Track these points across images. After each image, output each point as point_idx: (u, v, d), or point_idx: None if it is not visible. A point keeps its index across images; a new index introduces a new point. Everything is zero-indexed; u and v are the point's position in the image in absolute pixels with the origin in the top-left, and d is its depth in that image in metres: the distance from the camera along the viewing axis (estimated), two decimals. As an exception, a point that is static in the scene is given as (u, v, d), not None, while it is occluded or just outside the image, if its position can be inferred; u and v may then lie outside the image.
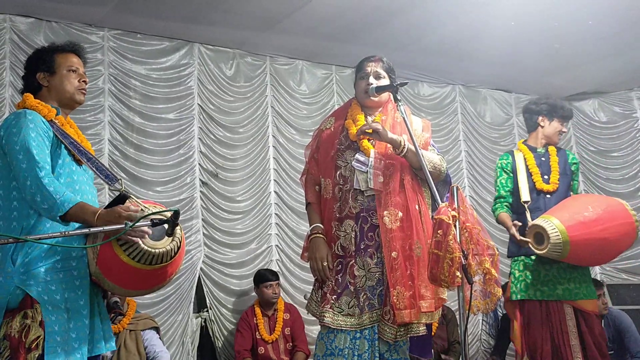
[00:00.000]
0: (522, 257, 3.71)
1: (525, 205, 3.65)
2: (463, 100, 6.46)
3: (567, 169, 3.78)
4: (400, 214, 2.70)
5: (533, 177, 3.71)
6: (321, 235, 2.79)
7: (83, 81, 2.41)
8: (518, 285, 3.68)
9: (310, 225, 2.87)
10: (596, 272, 6.43)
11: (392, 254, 2.65)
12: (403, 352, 2.71)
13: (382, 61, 2.91)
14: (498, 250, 3.03)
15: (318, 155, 2.93)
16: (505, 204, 3.75)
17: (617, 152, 6.67)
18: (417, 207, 2.75)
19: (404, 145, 2.71)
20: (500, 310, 5.50)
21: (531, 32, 5.03)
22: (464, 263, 2.39)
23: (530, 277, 3.66)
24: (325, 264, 2.73)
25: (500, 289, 2.60)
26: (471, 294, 2.43)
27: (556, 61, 5.72)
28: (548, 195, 3.69)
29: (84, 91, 2.42)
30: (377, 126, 2.72)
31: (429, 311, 2.68)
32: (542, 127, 3.80)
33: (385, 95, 2.90)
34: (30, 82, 2.39)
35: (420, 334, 2.69)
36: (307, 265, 2.87)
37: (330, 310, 2.69)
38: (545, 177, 3.71)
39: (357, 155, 2.78)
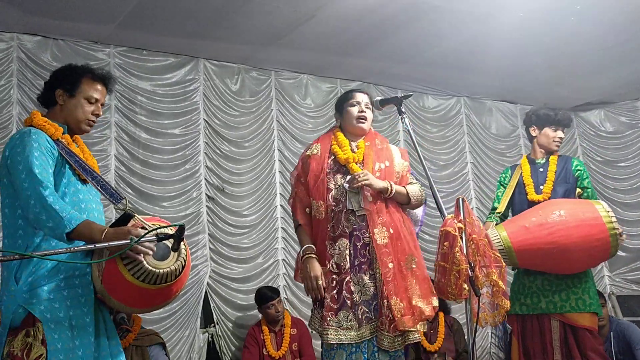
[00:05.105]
0: (515, 270, 3.71)
1: (492, 216, 3.73)
2: (468, 112, 6.46)
3: (569, 176, 3.69)
4: (391, 230, 2.90)
5: (526, 189, 3.70)
6: (314, 256, 2.92)
7: (95, 114, 2.40)
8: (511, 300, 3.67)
9: (302, 246, 2.99)
10: (605, 283, 6.38)
11: (386, 267, 2.83)
12: None
13: (369, 94, 3.15)
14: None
15: (308, 179, 3.04)
16: (497, 215, 3.79)
17: (624, 162, 6.64)
18: (403, 224, 2.96)
19: (392, 189, 2.93)
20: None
21: (535, 43, 5.03)
22: (470, 275, 2.37)
23: (515, 290, 3.65)
24: (320, 282, 2.86)
25: (508, 302, 2.59)
26: (479, 306, 2.41)
27: (561, 72, 5.72)
28: None
29: (92, 123, 2.42)
30: (367, 181, 2.86)
31: (428, 317, 2.85)
32: (535, 137, 3.82)
33: (368, 125, 3.09)
34: (47, 95, 2.39)
35: (416, 341, 2.87)
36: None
37: (330, 327, 2.83)
38: (541, 187, 3.67)
39: (348, 178, 2.95)
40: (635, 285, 6.35)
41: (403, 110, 2.88)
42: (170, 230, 2.09)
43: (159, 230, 2.04)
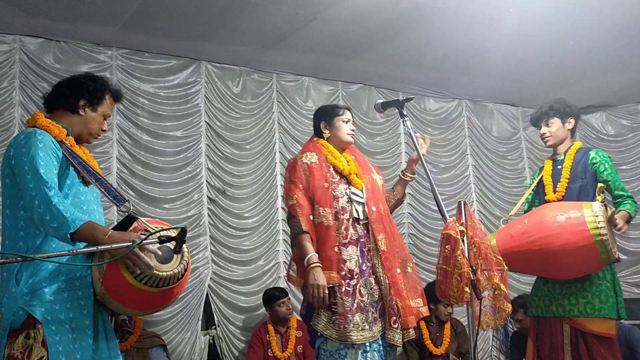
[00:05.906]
0: None
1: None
2: (470, 115, 6.47)
3: (586, 171, 3.51)
4: (390, 236, 3.14)
5: (545, 189, 3.60)
6: (320, 264, 3.00)
7: (103, 130, 2.48)
8: (529, 301, 3.68)
9: (307, 254, 3.01)
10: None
11: (390, 271, 3.07)
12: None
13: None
14: (507, 266, 3.00)
15: (312, 186, 3.12)
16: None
17: (626, 165, 6.63)
18: (395, 229, 3.22)
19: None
20: (510, 326, 5.45)
21: (537, 45, 5.04)
22: (472, 278, 2.38)
23: (532, 292, 3.66)
24: (326, 292, 2.96)
25: (510, 305, 2.59)
26: (480, 309, 2.41)
27: (562, 74, 5.72)
28: None
29: (97, 137, 2.50)
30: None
31: (425, 315, 3.17)
32: None
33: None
34: (66, 99, 2.38)
35: (413, 337, 3.14)
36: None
37: (353, 329, 2.97)
38: (557, 185, 3.57)
39: (351, 188, 3.15)
40: (636, 289, 6.33)
41: (404, 112, 2.91)
42: (172, 233, 2.08)
43: (160, 233, 2.04)
